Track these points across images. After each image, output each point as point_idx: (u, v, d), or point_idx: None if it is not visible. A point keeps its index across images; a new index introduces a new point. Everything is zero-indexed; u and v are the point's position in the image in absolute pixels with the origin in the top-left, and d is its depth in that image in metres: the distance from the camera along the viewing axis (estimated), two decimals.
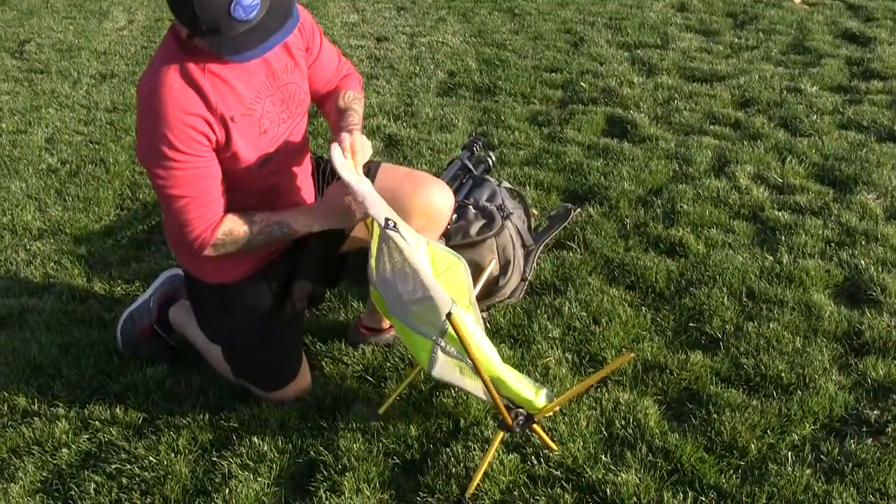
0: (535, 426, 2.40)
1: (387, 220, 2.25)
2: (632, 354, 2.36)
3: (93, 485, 2.47)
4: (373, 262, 2.34)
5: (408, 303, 2.25)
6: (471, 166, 3.42)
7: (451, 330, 2.17)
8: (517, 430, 2.36)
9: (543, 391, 2.36)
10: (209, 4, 2.06)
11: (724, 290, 3.18)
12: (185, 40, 2.22)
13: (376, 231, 2.32)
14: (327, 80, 2.67)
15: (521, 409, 2.34)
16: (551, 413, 2.60)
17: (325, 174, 2.80)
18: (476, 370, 2.22)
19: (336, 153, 2.36)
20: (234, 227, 2.38)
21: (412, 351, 2.62)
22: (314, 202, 2.42)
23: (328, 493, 2.40)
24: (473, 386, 2.32)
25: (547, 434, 2.50)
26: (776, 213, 3.68)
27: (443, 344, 2.24)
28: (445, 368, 2.30)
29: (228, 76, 2.29)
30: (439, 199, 2.71)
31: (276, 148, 2.48)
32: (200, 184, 2.29)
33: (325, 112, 2.70)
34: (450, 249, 2.50)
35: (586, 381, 2.52)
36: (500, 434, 2.40)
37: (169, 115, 2.19)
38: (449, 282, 2.41)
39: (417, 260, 2.23)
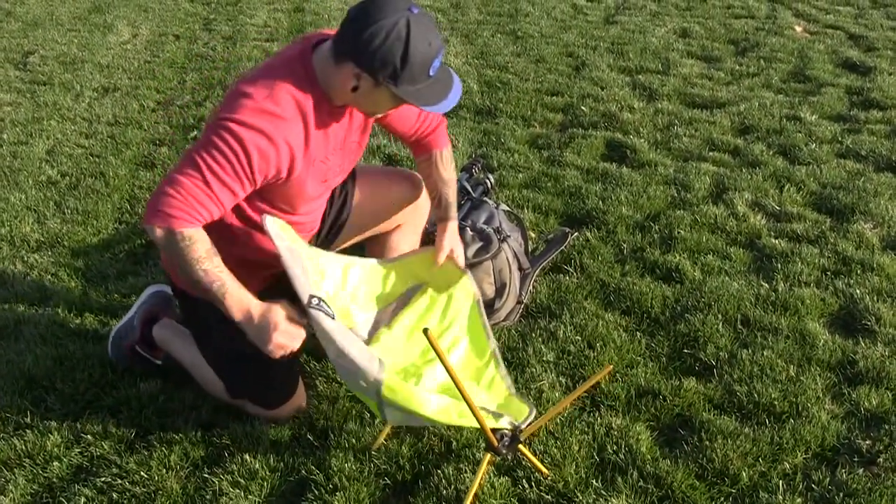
0: (524, 449, 2.40)
1: (310, 297, 2.22)
2: (610, 367, 2.35)
3: (83, 499, 2.47)
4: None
5: (346, 370, 2.28)
6: (469, 188, 3.43)
7: (385, 393, 2.19)
8: (503, 451, 2.35)
9: (504, 417, 2.37)
10: (421, 59, 2.23)
11: (720, 316, 3.19)
12: (339, 89, 2.32)
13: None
14: (410, 125, 2.77)
15: (505, 430, 2.34)
16: (541, 434, 2.61)
17: (333, 198, 2.85)
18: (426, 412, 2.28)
19: (270, 223, 2.34)
20: (197, 245, 2.28)
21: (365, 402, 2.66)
22: (254, 299, 2.35)
23: None
24: (434, 421, 2.35)
25: (537, 458, 2.50)
26: (773, 240, 3.69)
27: (386, 409, 2.27)
28: (398, 417, 2.36)
29: (329, 124, 2.40)
30: (412, 193, 2.92)
31: (320, 195, 2.58)
32: (223, 193, 2.27)
33: (419, 164, 2.87)
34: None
35: (569, 396, 2.51)
36: (488, 456, 2.39)
37: (268, 134, 2.24)
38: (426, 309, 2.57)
39: (342, 333, 2.23)
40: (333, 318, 2.23)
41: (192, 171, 2.25)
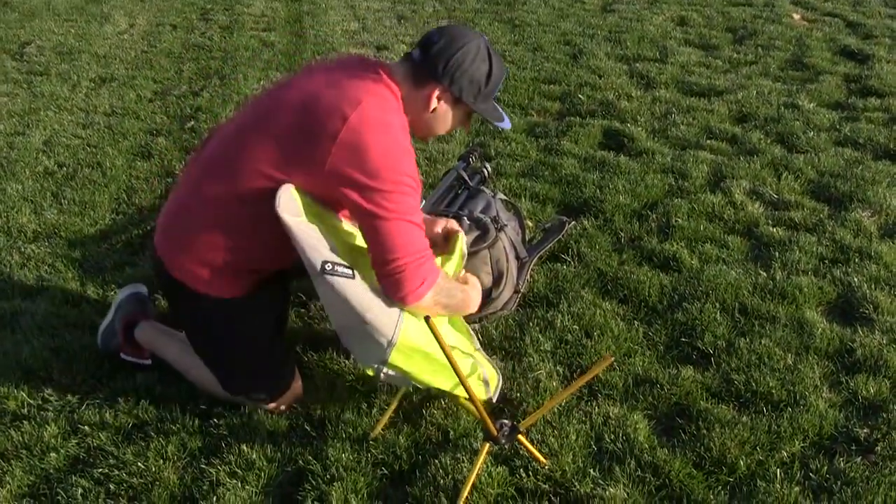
0: (522, 438, 2.40)
1: (323, 263, 2.20)
2: (611, 359, 2.34)
3: (80, 490, 2.46)
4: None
5: (354, 332, 2.30)
6: (466, 177, 3.42)
7: (391, 362, 2.27)
8: (503, 440, 2.35)
9: (481, 387, 2.47)
10: (498, 78, 2.47)
11: (717, 305, 3.18)
12: (416, 110, 2.45)
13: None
14: None
15: (505, 421, 2.34)
16: (539, 424, 2.61)
17: None
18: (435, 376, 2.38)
19: (284, 193, 2.30)
20: (446, 278, 2.46)
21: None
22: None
23: (315, 502, 2.39)
24: (430, 387, 2.43)
25: (535, 447, 2.50)
26: (771, 228, 3.69)
27: (385, 370, 2.31)
28: (394, 379, 2.41)
29: None
30: None
31: None
32: (419, 217, 2.37)
33: None
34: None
35: (567, 389, 2.52)
36: (487, 446, 2.39)
37: (409, 152, 2.34)
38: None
39: (366, 291, 2.25)
40: (353, 277, 2.23)
41: (401, 231, 2.28)
